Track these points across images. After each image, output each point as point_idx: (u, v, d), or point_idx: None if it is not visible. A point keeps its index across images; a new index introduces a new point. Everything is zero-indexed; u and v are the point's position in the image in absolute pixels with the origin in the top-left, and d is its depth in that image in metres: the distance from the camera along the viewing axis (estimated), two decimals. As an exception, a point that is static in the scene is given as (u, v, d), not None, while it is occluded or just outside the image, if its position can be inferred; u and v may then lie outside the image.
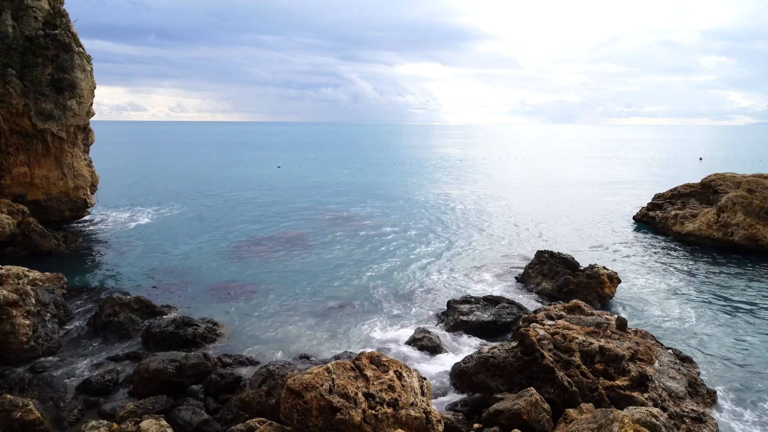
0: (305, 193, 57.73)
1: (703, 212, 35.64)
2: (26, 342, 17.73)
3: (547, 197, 55.75)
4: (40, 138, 34.32)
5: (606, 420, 11.02)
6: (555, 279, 24.85)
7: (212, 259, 30.70)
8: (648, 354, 15.36)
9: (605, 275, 24.01)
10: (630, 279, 26.94)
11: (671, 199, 41.11)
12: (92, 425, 13.18)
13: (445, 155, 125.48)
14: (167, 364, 16.10)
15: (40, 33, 33.58)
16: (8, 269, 19.72)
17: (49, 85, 33.78)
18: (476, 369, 15.73)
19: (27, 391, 15.50)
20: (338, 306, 23.30)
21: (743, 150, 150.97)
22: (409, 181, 70.71)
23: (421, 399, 12.02)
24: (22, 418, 13.26)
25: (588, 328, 16.14)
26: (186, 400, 15.20)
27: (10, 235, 30.11)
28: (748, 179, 35.54)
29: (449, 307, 22.03)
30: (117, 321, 20.21)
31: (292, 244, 34.28)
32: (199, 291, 25.15)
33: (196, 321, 20.22)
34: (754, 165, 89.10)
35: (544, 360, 14.52)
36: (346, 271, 28.40)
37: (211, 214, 44.77)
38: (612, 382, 13.93)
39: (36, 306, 19.07)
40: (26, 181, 34.66)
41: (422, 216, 44.54)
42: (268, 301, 23.84)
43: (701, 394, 14.86)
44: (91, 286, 25.71)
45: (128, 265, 29.25)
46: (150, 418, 13.33)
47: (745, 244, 32.10)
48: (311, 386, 11.23)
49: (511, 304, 21.80)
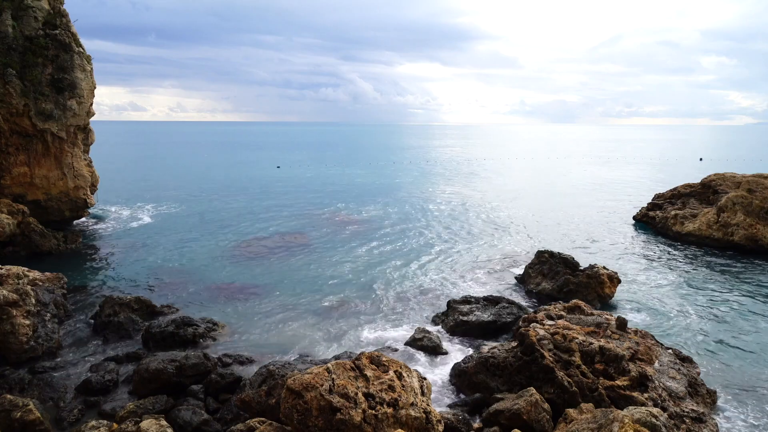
0: (305, 193, 57.74)
1: (703, 212, 35.64)
2: (26, 342, 17.72)
3: (547, 197, 55.76)
4: (40, 138, 34.32)
5: (606, 420, 11.02)
6: (555, 279, 24.84)
7: (212, 259, 30.70)
8: (648, 354, 15.37)
9: (605, 275, 24.01)
10: (630, 279, 26.94)
11: (671, 199, 41.11)
12: (92, 425, 13.18)
13: (445, 155, 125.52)
14: (167, 364, 16.09)
15: (40, 33, 33.58)
16: (8, 269, 19.72)
17: (49, 85, 33.78)
18: (476, 369, 15.73)
19: (27, 391, 15.51)
20: (338, 306, 23.30)
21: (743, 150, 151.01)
22: (409, 181, 70.72)
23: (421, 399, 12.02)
24: (22, 418, 13.26)
25: (588, 328, 16.15)
26: (186, 400, 15.20)
27: (10, 235, 30.11)
28: (748, 179, 35.54)
29: (449, 307, 22.02)
30: (117, 321, 20.21)
31: (292, 244, 34.28)
32: (199, 291, 25.14)
33: (196, 321, 20.22)
34: (754, 165, 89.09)
35: (544, 360, 14.52)
36: (346, 271, 28.40)
37: (212, 214, 44.77)
38: (612, 382, 13.93)
39: (36, 306, 19.06)
40: (26, 181, 34.66)
41: (422, 216, 44.54)
42: (268, 301, 23.84)
43: (701, 394, 14.85)
44: (91, 286, 25.70)
45: (128, 265, 29.25)
46: (150, 418, 13.33)
47: (745, 244, 32.10)
48: (311, 386, 11.23)
49: (511, 304, 21.80)
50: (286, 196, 55.37)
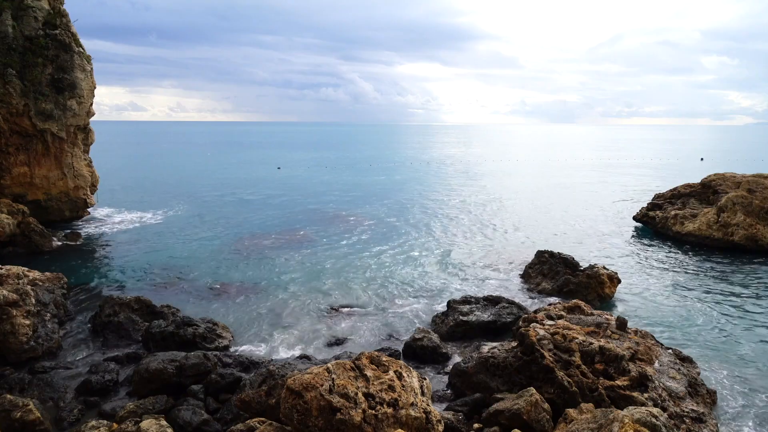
0: (305, 193, 57.74)
1: (703, 212, 35.64)
2: (26, 342, 17.72)
3: (548, 197, 55.75)
4: (40, 138, 34.33)
5: (606, 420, 11.02)
6: (555, 279, 24.85)
7: (212, 259, 30.70)
8: (648, 354, 15.36)
9: (605, 275, 24.02)
10: (630, 279, 26.93)
11: (671, 199, 41.09)
12: (92, 425, 13.18)
13: (446, 155, 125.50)
14: (167, 364, 16.09)
15: (40, 33, 33.59)
16: (8, 269, 19.73)
17: (49, 85, 33.79)
18: (476, 369, 15.72)
19: (27, 391, 15.50)
20: (338, 306, 23.31)
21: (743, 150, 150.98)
22: (410, 181, 70.72)
23: (421, 399, 12.02)
24: (22, 418, 13.26)
25: (588, 328, 16.14)
26: (186, 400, 15.18)
27: (10, 235, 30.12)
28: (748, 179, 35.53)
29: (449, 307, 22.02)
30: (117, 321, 20.20)
31: (292, 244, 34.29)
32: (200, 291, 25.14)
33: (196, 321, 20.20)
34: (754, 165, 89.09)
35: (544, 360, 14.51)
36: (346, 271, 28.40)
37: (212, 214, 44.78)
38: (612, 382, 13.92)
39: (36, 306, 19.06)
40: (26, 181, 34.67)
41: (422, 216, 44.55)
42: (268, 301, 23.84)
43: (701, 394, 14.85)
44: (91, 286, 25.70)
45: (128, 265, 29.24)
46: (150, 418, 13.33)
47: (745, 244, 32.09)
48: (311, 386, 11.22)
49: (511, 304, 21.80)
50: (287, 196, 55.38)
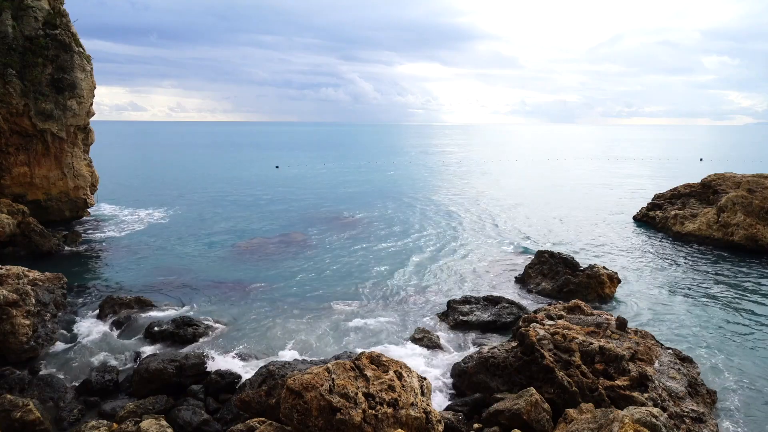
0: (305, 193, 57.73)
1: (703, 212, 35.64)
2: (26, 342, 17.72)
3: (548, 197, 55.74)
4: (40, 138, 34.33)
5: (606, 420, 11.02)
6: (555, 279, 24.85)
7: (212, 259, 30.69)
8: (648, 354, 15.37)
9: (605, 275, 24.01)
10: (630, 279, 26.93)
11: (671, 199, 41.11)
12: (92, 425, 13.18)
13: (446, 155, 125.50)
14: (167, 364, 16.10)
15: (40, 33, 33.59)
16: (8, 269, 19.72)
17: (49, 85, 33.79)
18: (476, 369, 15.73)
19: (27, 391, 15.50)
20: (338, 306, 23.29)
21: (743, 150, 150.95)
22: (409, 181, 70.70)
23: (421, 399, 12.02)
24: (22, 418, 13.26)
25: (588, 328, 16.15)
26: (186, 400, 15.19)
27: (10, 235, 30.10)
28: (748, 179, 35.53)
29: (449, 307, 22.03)
30: (117, 321, 20.22)
31: (292, 244, 34.28)
32: (199, 291, 25.13)
33: (196, 321, 20.22)
34: (754, 165, 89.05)
35: (544, 360, 14.52)
36: (346, 271, 28.40)
37: (211, 213, 44.76)
38: (612, 382, 13.93)
39: (36, 306, 19.06)
40: (26, 181, 34.67)
41: (422, 216, 44.53)
42: (268, 301, 23.83)
43: (701, 394, 14.85)
44: (91, 286, 25.69)
45: (128, 265, 29.24)
46: (150, 418, 13.33)
47: (745, 244, 32.09)
48: (311, 386, 11.22)
49: (511, 304, 21.80)
50: (286, 196, 55.36)
